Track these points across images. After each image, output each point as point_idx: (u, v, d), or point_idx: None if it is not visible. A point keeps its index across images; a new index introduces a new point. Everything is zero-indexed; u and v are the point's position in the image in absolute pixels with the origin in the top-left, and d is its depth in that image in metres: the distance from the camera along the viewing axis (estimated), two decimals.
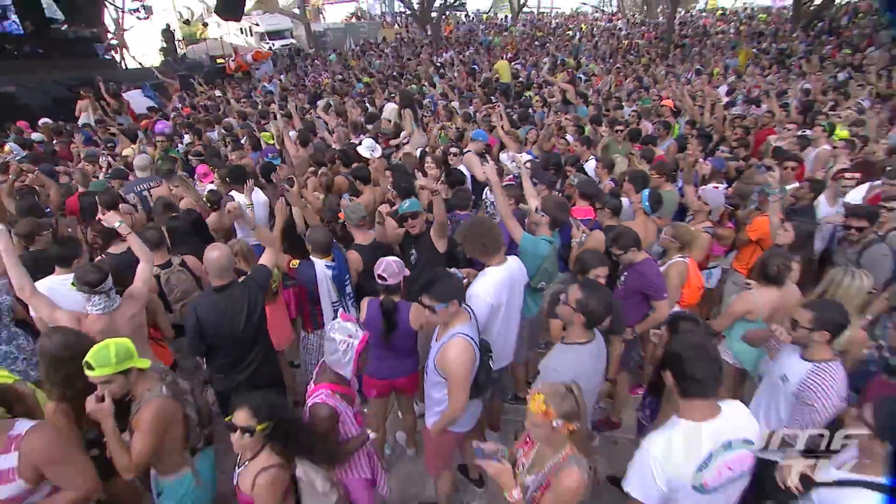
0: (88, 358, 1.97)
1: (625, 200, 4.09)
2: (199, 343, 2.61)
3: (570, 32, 24.86)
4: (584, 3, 39.00)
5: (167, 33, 15.61)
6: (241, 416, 1.89)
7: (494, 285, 2.64)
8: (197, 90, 11.14)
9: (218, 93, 10.91)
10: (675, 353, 1.72)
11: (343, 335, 2.03)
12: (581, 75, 12.21)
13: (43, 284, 2.72)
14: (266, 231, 3.16)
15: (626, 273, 3.17)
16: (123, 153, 6.06)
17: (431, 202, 3.56)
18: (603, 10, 37.16)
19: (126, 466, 1.98)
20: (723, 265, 4.34)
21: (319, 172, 4.95)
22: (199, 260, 3.50)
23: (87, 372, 1.97)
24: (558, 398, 1.67)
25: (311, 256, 3.22)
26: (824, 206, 4.17)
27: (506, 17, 31.92)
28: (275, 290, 3.31)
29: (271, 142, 6.36)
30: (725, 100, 9.41)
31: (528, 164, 4.27)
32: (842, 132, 6.33)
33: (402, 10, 32.61)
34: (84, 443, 2.26)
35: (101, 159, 5.60)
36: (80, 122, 9.05)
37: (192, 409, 2.23)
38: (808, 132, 6.26)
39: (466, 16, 30.61)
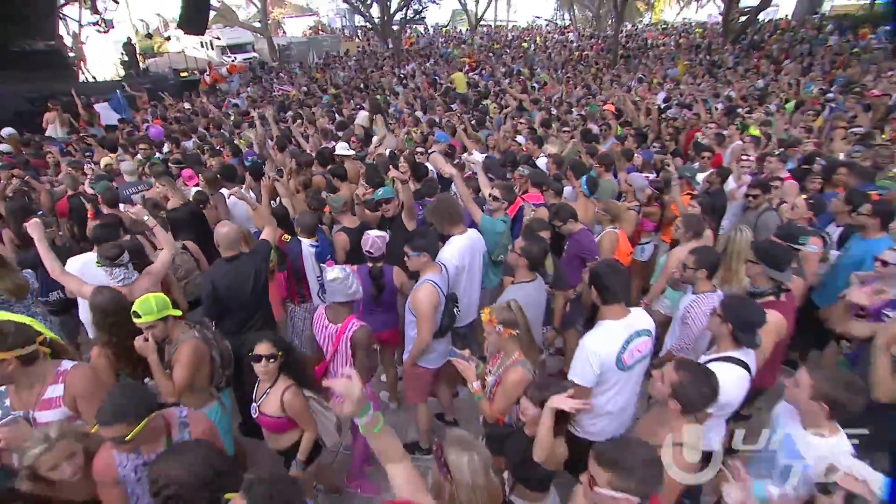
0: (136, 308, 2.44)
1: (569, 188, 4.86)
2: (214, 306, 3.08)
3: (525, 44, 26.19)
4: (538, 17, 40.90)
5: (128, 47, 15.59)
6: (263, 348, 2.40)
7: (459, 250, 3.25)
8: (165, 103, 11.32)
9: (187, 105, 11.14)
10: (595, 272, 2.38)
11: (345, 272, 2.59)
12: (535, 84, 13.16)
13: (80, 259, 3.15)
14: (264, 211, 3.68)
15: (567, 242, 3.86)
16: (102, 162, 6.34)
17: None
18: (556, 24, 39.08)
19: (170, 391, 2.45)
20: (654, 241, 5.14)
21: (292, 170, 5.45)
22: (196, 245, 3.98)
23: (135, 319, 2.43)
24: (499, 310, 2.31)
25: (298, 236, 3.76)
26: (731, 184, 5.06)
27: (465, 30, 33.12)
28: (271, 269, 3.80)
29: (247, 149, 6.79)
30: (662, 105, 10.55)
31: (481, 160, 4.97)
32: (753, 131, 7.42)
33: (363, 23, 33.35)
34: None
35: (85, 167, 5.89)
36: (48, 133, 9.13)
37: (217, 353, 2.72)
38: (725, 131, 7.29)
39: (425, 29, 31.50)
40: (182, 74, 16.63)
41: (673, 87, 13.26)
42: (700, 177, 5.28)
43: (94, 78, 16.36)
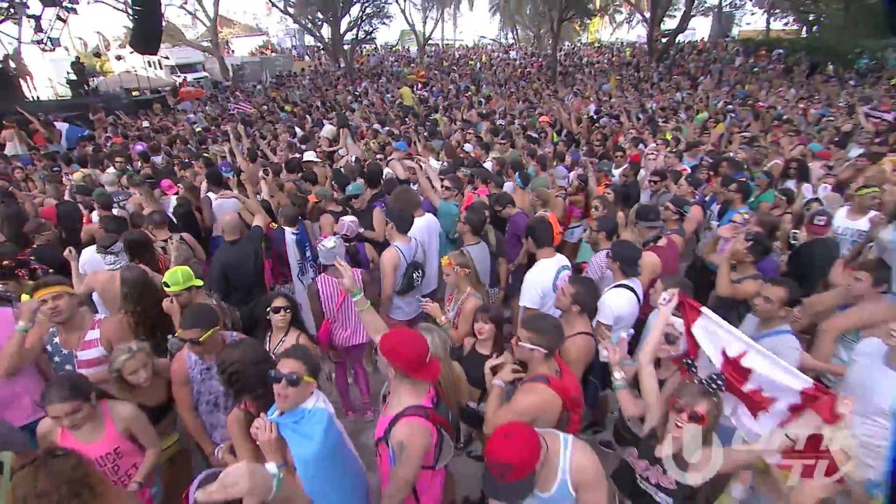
0: (165, 279, 3.02)
1: (510, 184, 5.77)
2: (222, 283, 3.67)
3: (472, 62, 27.69)
4: (484, 37, 42.94)
5: (77, 65, 15.39)
6: (281, 301, 3.04)
7: (419, 229, 4.03)
8: (122, 121, 11.44)
9: (146, 123, 11.32)
10: (530, 226, 3.26)
11: (338, 240, 3.30)
12: (481, 99, 14.30)
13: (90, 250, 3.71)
14: (253, 205, 4.32)
15: (507, 224, 4.73)
16: (77, 175, 6.66)
17: None
18: (500, 43, 41.19)
19: None
20: (583, 226, 6.12)
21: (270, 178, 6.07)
22: (192, 237, 4.54)
23: (166, 288, 3.01)
24: (455, 255, 3.12)
25: (282, 226, 4.41)
26: (642, 174, 6.16)
27: (414, 49, 34.41)
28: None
29: (221, 160, 7.29)
30: (595, 115, 11.90)
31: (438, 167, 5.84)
32: (667, 135, 8.74)
33: (314, 43, 33.89)
34: None
35: (64, 178, 6.22)
36: (7, 151, 9.15)
37: (229, 320, 3.32)
38: (644, 136, 8.55)
39: (375, 48, 32.43)
40: (133, 94, 16.56)
41: (606, 100, 14.81)
42: (617, 172, 6.35)
43: (37, 97, 16.02)
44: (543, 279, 3.18)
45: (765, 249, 3.17)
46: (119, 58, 21.38)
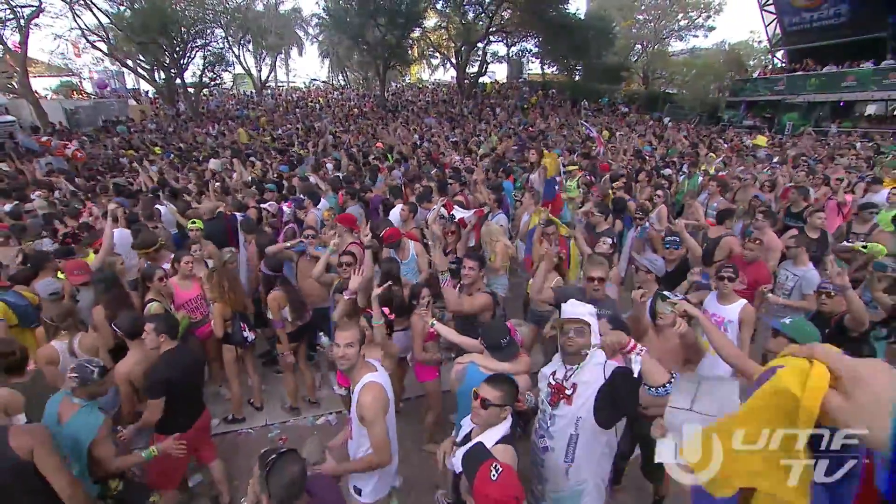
0: (192, 221, 5.38)
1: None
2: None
3: (311, 104, 30.44)
4: (316, 80, 45.82)
5: None
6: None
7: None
8: None
9: (5, 167, 11.32)
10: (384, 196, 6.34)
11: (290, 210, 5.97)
12: (330, 136, 17.28)
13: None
14: (217, 201, 6.65)
15: (370, 201, 7.83)
16: (35, 203, 7.62)
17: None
18: (333, 84, 44.50)
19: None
20: None
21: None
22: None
23: (192, 225, 5.36)
24: (330, 210, 6.10)
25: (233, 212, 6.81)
26: None
27: (250, 92, 35.69)
28: None
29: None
30: (419, 142, 15.83)
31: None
32: (473, 149, 12.90)
33: (135, 86, 32.80)
34: None
35: None
36: None
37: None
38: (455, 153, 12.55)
39: (210, 93, 32.68)
40: None
41: (427, 129, 19.06)
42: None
43: None
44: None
45: (500, 187, 6.88)
46: None
